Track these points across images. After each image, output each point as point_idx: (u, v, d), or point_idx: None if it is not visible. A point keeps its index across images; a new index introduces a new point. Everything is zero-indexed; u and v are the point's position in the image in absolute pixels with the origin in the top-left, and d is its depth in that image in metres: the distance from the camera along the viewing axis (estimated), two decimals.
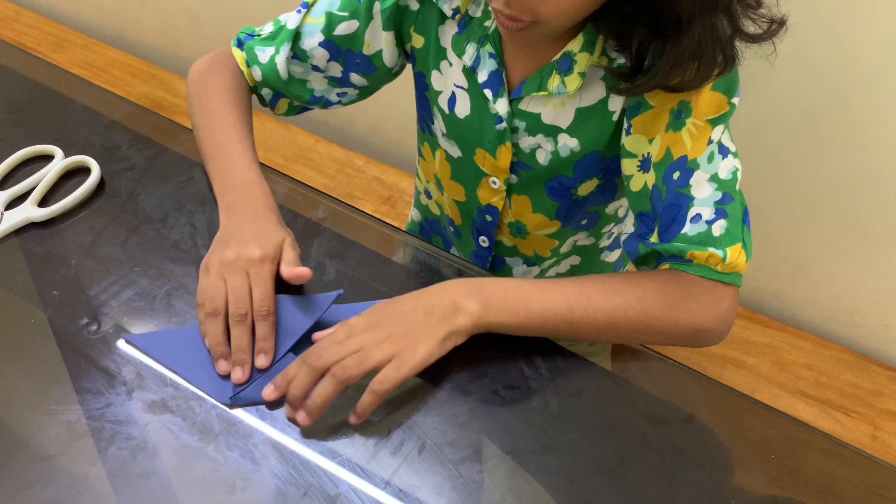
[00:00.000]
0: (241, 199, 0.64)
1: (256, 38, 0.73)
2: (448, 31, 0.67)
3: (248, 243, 0.59)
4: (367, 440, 0.54)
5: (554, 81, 0.62)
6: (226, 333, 0.57)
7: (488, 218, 0.76)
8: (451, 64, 0.68)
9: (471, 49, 0.65)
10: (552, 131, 0.66)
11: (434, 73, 0.70)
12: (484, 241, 0.80)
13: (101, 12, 1.71)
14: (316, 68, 0.72)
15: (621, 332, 0.58)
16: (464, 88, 0.68)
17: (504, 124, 0.66)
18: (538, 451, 0.54)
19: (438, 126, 0.73)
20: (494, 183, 0.72)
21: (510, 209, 0.75)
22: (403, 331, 0.54)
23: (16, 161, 0.73)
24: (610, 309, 0.57)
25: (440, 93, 0.70)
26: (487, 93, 0.65)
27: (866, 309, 1.19)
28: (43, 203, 0.69)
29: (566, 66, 0.62)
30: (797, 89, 0.99)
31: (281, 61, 0.71)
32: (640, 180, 0.62)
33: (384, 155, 1.53)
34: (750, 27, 0.55)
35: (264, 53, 0.72)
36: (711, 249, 0.57)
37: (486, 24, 0.64)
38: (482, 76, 0.65)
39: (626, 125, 0.62)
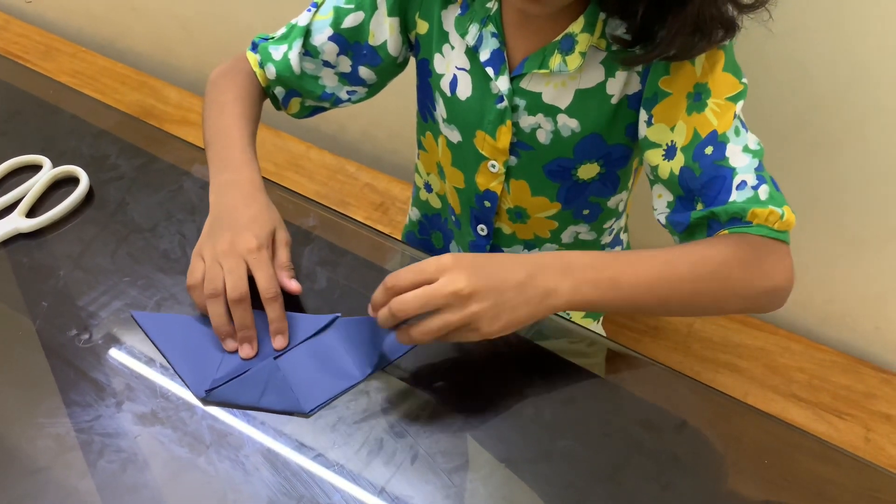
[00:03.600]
0: (232, 180, 0.65)
1: (270, 40, 0.76)
2: (450, 15, 0.68)
3: (242, 232, 0.60)
4: (360, 450, 0.53)
5: (556, 60, 0.64)
6: (228, 314, 0.58)
7: (487, 204, 0.77)
8: (452, 47, 0.69)
9: (473, 29, 0.67)
10: (551, 111, 0.67)
11: (436, 57, 0.71)
12: (482, 229, 0.80)
13: (90, 20, 1.70)
14: (327, 63, 0.74)
15: (706, 301, 0.59)
16: (465, 70, 0.69)
17: (505, 103, 0.67)
18: (532, 458, 0.54)
19: (440, 111, 0.74)
20: (493, 167, 0.72)
21: (509, 194, 0.75)
22: (501, 305, 0.53)
23: (3, 171, 0.73)
24: (696, 278, 0.57)
25: (442, 76, 0.71)
26: (489, 71, 0.67)
27: (858, 311, 1.19)
28: (31, 214, 0.69)
29: (568, 46, 0.63)
30: (786, 94, 0.99)
31: (294, 57, 0.73)
32: (666, 168, 0.63)
33: (376, 161, 1.52)
34: None
35: (278, 51, 0.74)
36: (772, 206, 0.58)
37: (488, 5, 0.66)
38: (484, 55, 0.67)
39: (646, 116, 0.64)
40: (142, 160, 0.75)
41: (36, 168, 0.73)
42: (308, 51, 0.73)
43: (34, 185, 0.70)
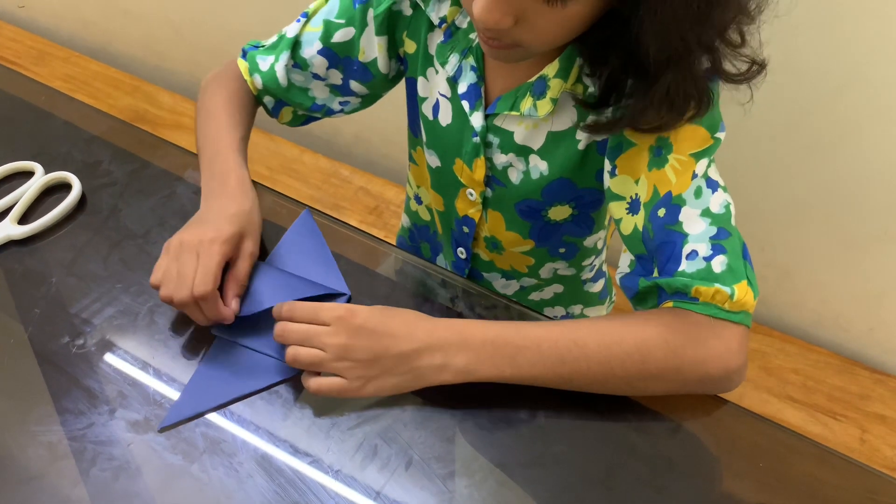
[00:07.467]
0: (218, 186, 0.65)
1: (260, 48, 0.75)
2: (435, 39, 0.67)
3: (205, 225, 0.60)
4: (354, 456, 0.53)
5: (526, 103, 0.62)
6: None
7: (465, 229, 0.77)
8: (436, 71, 0.68)
9: (454, 59, 0.65)
10: (524, 151, 0.66)
11: (421, 80, 0.70)
12: (462, 252, 0.80)
13: (83, 25, 1.70)
14: (316, 76, 0.73)
15: (620, 383, 0.55)
16: (447, 97, 0.68)
17: (478, 138, 0.66)
18: (526, 463, 0.53)
19: (422, 134, 0.73)
20: (471, 195, 0.72)
21: (486, 223, 0.75)
22: (370, 370, 0.54)
23: None
24: (606, 359, 0.54)
25: (425, 99, 0.70)
26: (465, 105, 0.66)
27: (852, 313, 1.19)
28: (23, 220, 0.69)
29: (540, 90, 0.61)
30: (780, 95, 0.99)
31: (280, 69, 0.72)
32: (629, 223, 0.60)
33: (370, 165, 1.53)
34: (729, 66, 0.54)
35: (265, 62, 0.73)
36: (718, 285, 0.53)
37: (471, 36, 0.64)
38: (462, 87, 0.65)
39: (609, 167, 0.61)
40: (134, 166, 0.75)
41: (28, 174, 0.73)
42: (297, 63, 0.72)
43: (26, 192, 0.70)
